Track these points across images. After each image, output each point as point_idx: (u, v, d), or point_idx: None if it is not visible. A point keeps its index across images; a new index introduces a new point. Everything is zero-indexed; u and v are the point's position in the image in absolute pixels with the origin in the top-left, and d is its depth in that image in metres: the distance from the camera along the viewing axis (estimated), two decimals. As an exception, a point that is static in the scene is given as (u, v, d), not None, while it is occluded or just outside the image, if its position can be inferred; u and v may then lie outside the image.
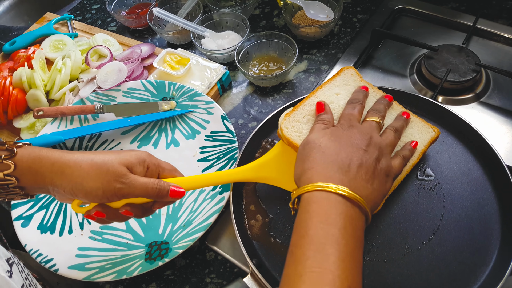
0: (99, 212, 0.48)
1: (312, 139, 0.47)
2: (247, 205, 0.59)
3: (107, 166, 0.47)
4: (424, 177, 0.56)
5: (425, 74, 0.72)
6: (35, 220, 0.65)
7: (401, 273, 0.50)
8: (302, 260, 0.37)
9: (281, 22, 0.90)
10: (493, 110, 0.69)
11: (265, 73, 0.78)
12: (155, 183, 0.49)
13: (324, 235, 0.37)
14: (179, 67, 0.80)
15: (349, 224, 0.39)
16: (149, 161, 0.51)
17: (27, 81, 0.79)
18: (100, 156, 0.48)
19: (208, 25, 0.86)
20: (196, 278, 0.60)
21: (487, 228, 0.51)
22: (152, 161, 0.51)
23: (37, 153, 0.47)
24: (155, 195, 0.49)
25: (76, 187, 0.46)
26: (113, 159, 0.48)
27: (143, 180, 0.48)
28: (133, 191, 0.47)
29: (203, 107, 0.73)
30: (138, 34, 0.95)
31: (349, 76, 0.58)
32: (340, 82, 0.57)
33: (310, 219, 0.39)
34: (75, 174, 0.46)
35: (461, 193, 0.54)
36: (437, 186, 0.55)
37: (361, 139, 0.46)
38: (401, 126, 0.53)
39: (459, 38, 0.78)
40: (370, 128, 0.48)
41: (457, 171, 0.56)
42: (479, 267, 0.49)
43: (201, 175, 0.55)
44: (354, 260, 0.37)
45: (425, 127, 0.56)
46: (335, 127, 0.48)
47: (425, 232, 0.52)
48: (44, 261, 0.60)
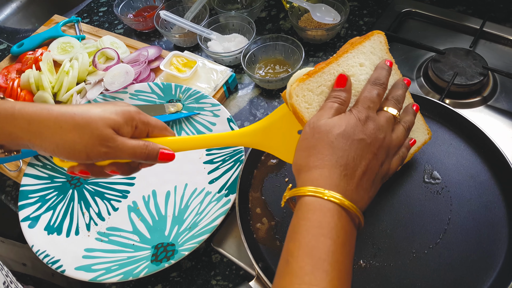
0: (83, 171, 0.46)
1: (323, 125, 0.42)
2: (253, 208, 0.59)
3: (91, 129, 0.43)
4: (431, 180, 0.56)
5: (432, 77, 0.72)
6: (42, 221, 0.66)
7: (408, 277, 0.50)
8: (300, 275, 0.35)
9: (287, 25, 0.90)
10: (500, 113, 0.68)
11: (271, 76, 0.78)
12: (143, 147, 0.46)
13: (325, 251, 0.36)
14: (186, 70, 0.80)
15: (348, 239, 0.38)
16: (138, 119, 0.47)
17: (34, 83, 0.80)
18: (82, 115, 0.43)
19: (215, 28, 0.86)
20: (201, 280, 0.60)
21: (495, 232, 0.51)
22: (141, 119, 0.47)
23: (10, 111, 0.43)
24: (144, 158, 0.46)
25: (57, 149, 0.43)
26: (97, 119, 0.43)
27: (131, 144, 0.45)
28: (120, 155, 0.45)
29: (209, 110, 0.73)
30: (144, 37, 0.96)
31: (377, 43, 0.50)
32: (368, 49, 0.49)
33: (311, 229, 0.37)
34: (56, 136, 0.43)
35: (469, 196, 0.54)
36: (444, 189, 0.55)
37: (374, 139, 0.42)
38: (412, 122, 0.48)
39: (466, 41, 0.78)
40: (386, 124, 0.44)
41: (464, 174, 0.56)
42: (486, 272, 0.49)
43: (194, 136, 0.52)
44: (349, 276, 0.37)
45: (423, 127, 0.56)
46: (350, 115, 0.43)
47: (432, 236, 0.52)
48: (51, 262, 0.60)
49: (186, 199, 0.65)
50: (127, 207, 0.66)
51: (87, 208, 0.67)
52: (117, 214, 0.66)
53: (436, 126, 0.61)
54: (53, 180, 0.71)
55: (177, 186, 0.67)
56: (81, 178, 0.71)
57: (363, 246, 0.52)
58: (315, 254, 0.36)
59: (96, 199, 0.68)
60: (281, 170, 0.62)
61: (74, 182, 0.71)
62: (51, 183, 0.71)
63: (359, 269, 0.51)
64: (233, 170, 0.66)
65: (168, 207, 0.65)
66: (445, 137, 0.60)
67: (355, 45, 0.49)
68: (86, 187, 0.70)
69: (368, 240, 0.52)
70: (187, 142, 0.50)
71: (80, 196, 0.69)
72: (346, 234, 0.38)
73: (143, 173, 0.69)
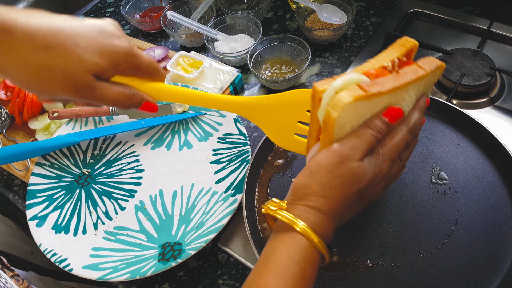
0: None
1: (350, 174, 0.37)
2: (259, 208, 0.59)
3: (67, 75, 0.36)
4: (439, 181, 0.56)
5: (439, 77, 0.72)
6: (49, 220, 0.66)
7: (414, 278, 0.50)
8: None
9: (293, 26, 0.90)
10: (508, 114, 0.68)
11: (277, 76, 0.78)
12: (126, 98, 0.41)
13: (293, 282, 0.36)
14: (192, 70, 0.81)
15: (314, 271, 0.39)
16: (125, 64, 0.40)
17: (43, 83, 0.81)
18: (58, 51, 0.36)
19: (221, 28, 0.86)
20: (208, 279, 0.60)
21: (502, 233, 0.51)
22: (131, 64, 0.41)
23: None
24: (125, 107, 0.43)
25: (31, 87, 0.38)
26: (76, 63, 0.36)
27: (112, 94, 0.40)
28: (99, 103, 0.41)
29: (215, 110, 0.74)
30: (151, 37, 0.96)
31: (435, 76, 0.43)
32: (425, 81, 0.41)
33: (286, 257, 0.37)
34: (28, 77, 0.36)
35: (476, 197, 0.54)
36: (451, 190, 0.55)
37: (379, 184, 0.40)
38: (419, 129, 0.43)
39: (474, 42, 0.78)
40: (393, 174, 0.42)
41: (472, 174, 0.56)
42: (493, 272, 0.48)
43: (185, 89, 0.47)
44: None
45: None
46: (377, 165, 0.39)
47: (439, 237, 0.52)
48: (58, 261, 0.60)
49: (192, 198, 0.66)
50: (134, 207, 0.67)
51: (94, 207, 0.68)
52: (124, 214, 0.66)
53: (444, 126, 0.61)
54: (60, 179, 0.72)
55: (183, 186, 0.67)
56: (89, 178, 0.72)
57: (370, 246, 0.52)
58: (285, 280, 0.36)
59: (103, 198, 0.69)
60: (288, 171, 0.63)
61: (82, 181, 0.71)
62: (58, 182, 0.71)
63: (366, 269, 0.51)
64: (239, 170, 0.66)
65: (175, 206, 0.65)
66: (453, 138, 0.60)
67: (420, 77, 0.40)
68: (94, 186, 0.70)
69: (375, 240, 0.52)
70: (176, 94, 0.46)
71: (88, 196, 0.69)
72: (315, 266, 0.38)
73: (150, 174, 0.70)
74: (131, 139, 0.75)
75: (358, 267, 0.51)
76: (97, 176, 0.72)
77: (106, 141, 0.76)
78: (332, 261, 0.52)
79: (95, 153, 0.75)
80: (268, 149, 0.65)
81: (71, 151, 0.75)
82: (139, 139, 0.75)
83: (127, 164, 0.72)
